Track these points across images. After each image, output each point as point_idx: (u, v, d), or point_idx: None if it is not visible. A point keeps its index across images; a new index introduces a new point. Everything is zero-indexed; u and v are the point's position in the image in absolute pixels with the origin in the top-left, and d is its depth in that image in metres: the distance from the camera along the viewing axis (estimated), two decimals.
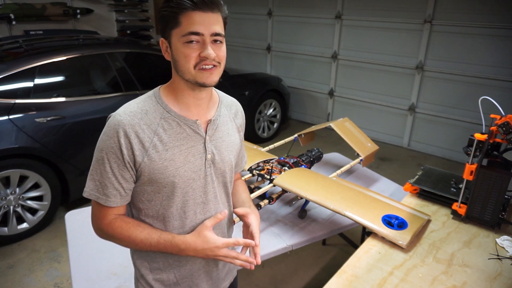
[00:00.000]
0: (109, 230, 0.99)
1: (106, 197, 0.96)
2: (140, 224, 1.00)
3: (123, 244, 1.00)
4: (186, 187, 0.99)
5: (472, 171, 1.63)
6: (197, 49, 0.91)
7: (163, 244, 0.97)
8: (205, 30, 0.89)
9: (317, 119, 5.73)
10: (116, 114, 0.95)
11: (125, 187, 0.97)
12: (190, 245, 0.97)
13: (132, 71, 3.41)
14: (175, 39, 0.91)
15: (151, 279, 1.07)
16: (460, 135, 4.41)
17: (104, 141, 0.94)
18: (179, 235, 0.99)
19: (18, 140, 2.67)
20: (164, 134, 0.96)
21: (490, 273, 1.38)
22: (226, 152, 1.07)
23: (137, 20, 6.47)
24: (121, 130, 0.92)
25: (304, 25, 5.49)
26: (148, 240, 0.97)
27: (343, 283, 1.31)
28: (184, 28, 0.89)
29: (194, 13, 0.88)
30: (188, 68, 0.92)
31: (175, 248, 0.97)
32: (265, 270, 2.60)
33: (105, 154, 0.94)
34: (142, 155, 0.94)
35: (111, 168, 0.94)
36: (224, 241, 0.96)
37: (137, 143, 0.93)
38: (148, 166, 0.94)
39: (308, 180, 1.94)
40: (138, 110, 0.96)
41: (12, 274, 2.54)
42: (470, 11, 4.08)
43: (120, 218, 1.00)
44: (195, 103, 1.00)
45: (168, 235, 0.98)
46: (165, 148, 0.95)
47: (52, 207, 2.97)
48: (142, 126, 0.94)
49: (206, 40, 0.90)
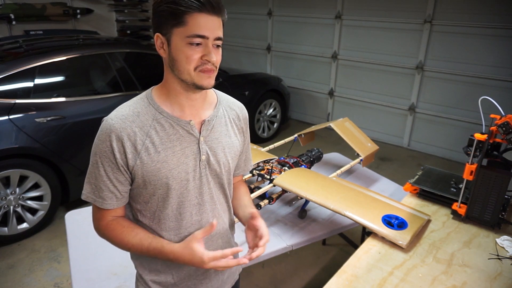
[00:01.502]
0: (105, 232, 1.00)
1: (102, 200, 0.97)
2: (134, 229, 0.99)
3: (118, 247, 1.01)
4: (180, 188, 0.99)
5: (472, 171, 1.63)
6: (199, 52, 0.89)
7: (153, 251, 0.97)
8: (210, 34, 0.89)
9: (317, 119, 5.73)
10: (108, 118, 0.95)
11: (121, 190, 0.97)
12: (178, 255, 0.94)
13: (132, 71, 3.41)
14: (177, 38, 0.89)
15: (149, 280, 1.07)
16: (460, 135, 4.41)
17: (97, 145, 0.94)
18: (168, 244, 0.96)
19: (18, 140, 2.67)
20: (157, 136, 0.95)
21: (490, 273, 1.38)
22: (222, 153, 1.04)
23: (137, 20, 6.47)
24: (113, 134, 0.92)
25: (304, 25, 5.49)
26: (140, 246, 0.97)
27: (343, 283, 1.31)
28: (190, 29, 0.87)
29: (201, 15, 0.87)
30: (188, 69, 0.90)
31: (164, 256, 0.96)
32: (265, 270, 2.60)
33: (98, 158, 0.94)
34: (134, 158, 0.93)
35: (105, 171, 0.94)
36: (211, 255, 0.92)
37: (129, 146, 0.93)
38: (141, 168, 0.94)
39: (308, 180, 1.94)
40: (130, 112, 0.95)
41: (12, 274, 2.54)
42: (470, 11, 4.08)
43: (116, 221, 1.00)
44: (189, 104, 0.99)
45: (158, 243, 0.96)
46: (157, 150, 0.94)
47: (52, 207, 2.97)
48: (134, 129, 0.93)
49: (209, 43, 0.90)
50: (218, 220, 1.09)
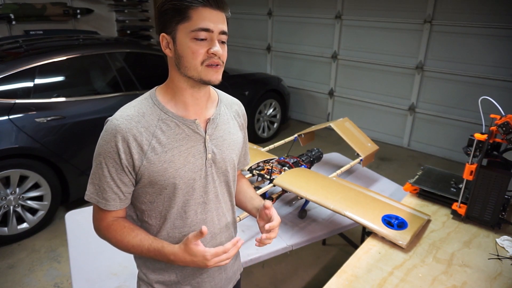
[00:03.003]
0: (106, 233, 1.00)
1: (105, 201, 0.96)
2: (134, 230, 0.99)
3: (118, 248, 1.01)
4: (187, 187, 0.99)
5: (472, 171, 1.63)
6: (205, 46, 0.90)
7: (153, 252, 0.97)
8: (215, 27, 0.89)
9: (317, 119, 5.73)
10: (113, 118, 0.94)
11: (124, 191, 0.97)
12: (179, 257, 0.95)
13: (132, 71, 3.41)
14: (181, 34, 0.90)
15: (152, 279, 1.07)
16: (460, 135, 4.41)
17: (102, 146, 0.94)
18: (169, 245, 0.96)
19: (18, 140, 2.67)
20: (163, 136, 0.95)
21: (490, 273, 1.38)
22: (228, 151, 1.06)
23: (137, 20, 6.47)
24: (119, 135, 0.91)
25: (304, 25, 5.49)
26: (140, 247, 0.97)
27: (343, 283, 1.31)
28: (194, 23, 0.88)
29: (205, 9, 0.88)
30: (195, 64, 0.91)
31: (164, 258, 0.96)
32: (265, 270, 2.60)
33: (103, 159, 0.93)
34: (141, 159, 0.93)
35: (109, 172, 0.94)
36: (213, 251, 0.93)
37: (135, 146, 0.92)
38: (148, 169, 0.94)
39: (308, 180, 1.94)
40: (135, 113, 0.95)
41: (12, 274, 2.54)
42: (470, 11, 4.08)
43: (117, 222, 1.00)
44: (193, 102, 0.99)
45: (158, 244, 0.97)
46: (164, 150, 0.94)
47: (52, 207, 2.97)
48: (139, 129, 0.93)
49: (214, 37, 0.90)
50: (222, 218, 1.10)
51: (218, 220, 1.08)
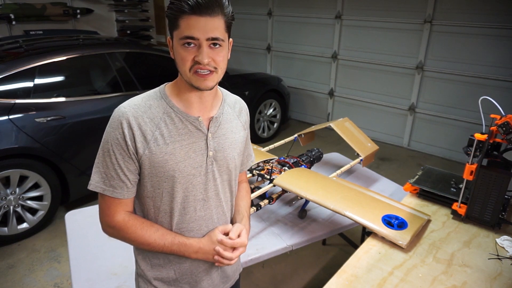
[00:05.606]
0: (121, 229, 0.99)
1: (112, 188, 0.97)
2: (153, 225, 1.02)
3: (134, 243, 1.01)
4: (186, 182, 1.00)
5: (472, 171, 1.63)
6: (193, 53, 0.91)
7: (177, 245, 1.01)
8: (201, 35, 0.89)
9: (317, 119, 5.73)
10: (120, 106, 0.98)
11: (131, 179, 0.98)
12: (205, 249, 1.03)
13: (132, 71, 3.41)
14: (175, 40, 0.93)
15: (151, 276, 1.08)
16: (460, 135, 4.41)
17: (109, 132, 0.96)
18: (193, 238, 1.03)
19: (18, 140, 2.67)
20: (166, 129, 0.97)
21: (490, 273, 1.38)
22: (230, 149, 1.07)
23: (137, 20, 6.47)
24: (125, 121, 0.94)
25: (304, 25, 5.49)
26: (162, 241, 1.00)
27: (343, 283, 1.31)
28: (181, 31, 0.90)
29: (191, 17, 0.88)
30: (185, 70, 0.93)
31: (189, 248, 1.02)
32: (265, 270, 2.60)
33: (110, 146, 0.95)
34: (143, 147, 0.95)
35: (116, 159, 0.96)
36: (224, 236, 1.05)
37: (139, 135, 0.95)
38: (149, 158, 0.96)
39: (308, 180, 1.94)
40: (142, 103, 0.98)
41: (12, 274, 2.54)
42: (470, 11, 4.08)
43: (135, 218, 1.01)
44: (198, 101, 1.01)
45: (181, 237, 1.02)
46: (166, 142, 0.96)
47: (52, 207, 2.97)
48: (145, 119, 0.96)
49: (202, 44, 0.91)
50: (221, 217, 1.10)
51: (217, 218, 1.09)
